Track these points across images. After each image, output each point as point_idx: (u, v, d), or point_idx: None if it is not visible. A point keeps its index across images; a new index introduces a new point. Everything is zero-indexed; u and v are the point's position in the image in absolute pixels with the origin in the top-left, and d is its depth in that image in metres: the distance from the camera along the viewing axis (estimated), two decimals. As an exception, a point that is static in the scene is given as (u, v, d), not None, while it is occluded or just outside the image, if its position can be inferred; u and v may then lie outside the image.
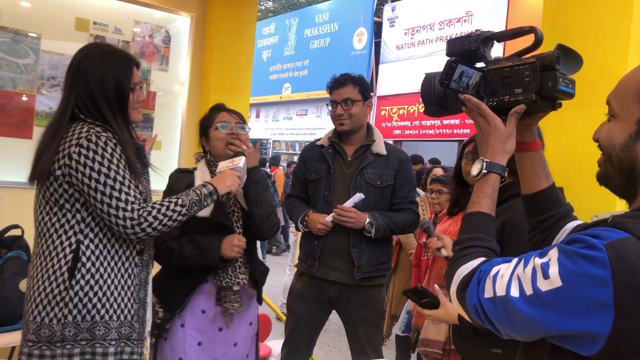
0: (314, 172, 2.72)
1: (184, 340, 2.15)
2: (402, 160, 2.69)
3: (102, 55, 1.77)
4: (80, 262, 1.68)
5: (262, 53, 17.21)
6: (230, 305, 2.16)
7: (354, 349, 2.71)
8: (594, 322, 0.82)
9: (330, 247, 2.63)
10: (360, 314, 2.64)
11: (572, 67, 1.17)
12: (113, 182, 1.67)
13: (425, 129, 11.67)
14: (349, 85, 2.66)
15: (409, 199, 2.68)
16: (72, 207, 1.70)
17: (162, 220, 1.72)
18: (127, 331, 1.75)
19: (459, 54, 1.24)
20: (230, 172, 1.97)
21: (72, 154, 1.65)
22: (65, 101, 1.76)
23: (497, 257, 1.03)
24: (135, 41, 3.71)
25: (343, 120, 2.64)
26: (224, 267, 2.16)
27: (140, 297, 1.82)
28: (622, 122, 0.97)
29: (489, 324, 0.97)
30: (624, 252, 0.82)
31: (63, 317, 1.66)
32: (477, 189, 1.16)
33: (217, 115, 2.27)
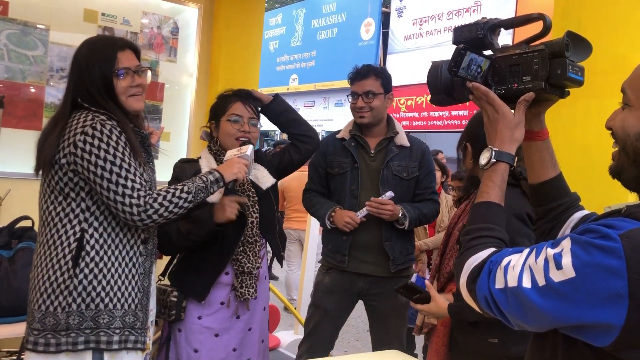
0: (337, 167, 2.68)
1: (201, 332, 2.15)
2: (425, 151, 2.70)
3: (89, 45, 1.80)
4: (85, 250, 1.69)
5: (269, 44, 17.17)
6: (246, 291, 2.16)
7: (378, 339, 2.72)
8: (607, 313, 0.82)
9: (360, 242, 2.61)
10: (390, 304, 2.65)
11: (581, 54, 1.15)
12: (119, 169, 1.67)
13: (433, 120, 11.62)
14: (371, 78, 2.63)
15: (431, 189, 2.70)
16: (77, 195, 1.71)
17: (168, 207, 1.73)
18: (131, 320, 1.76)
19: (466, 42, 1.22)
20: (237, 160, 1.97)
21: (77, 142, 1.66)
22: (67, 92, 1.79)
23: (507, 248, 1.02)
24: (144, 32, 3.71)
25: (364, 112, 2.61)
26: (243, 252, 2.17)
27: (144, 286, 1.83)
28: (637, 112, 0.95)
29: (500, 315, 0.96)
30: (638, 242, 0.81)
31: (67, 306, 1.68)
32: (486, 178, 1.15)
33: (232, 105, 2.23)
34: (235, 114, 2.21)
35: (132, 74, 1.80)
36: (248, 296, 2.17)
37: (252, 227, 2.19)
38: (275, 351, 4.30)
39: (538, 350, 1.02)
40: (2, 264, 2.42)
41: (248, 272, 2.16)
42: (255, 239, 2.19)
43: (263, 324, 2.34)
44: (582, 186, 1.45)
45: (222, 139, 2.24)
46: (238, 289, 2.17)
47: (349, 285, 2.66)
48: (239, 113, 2.22)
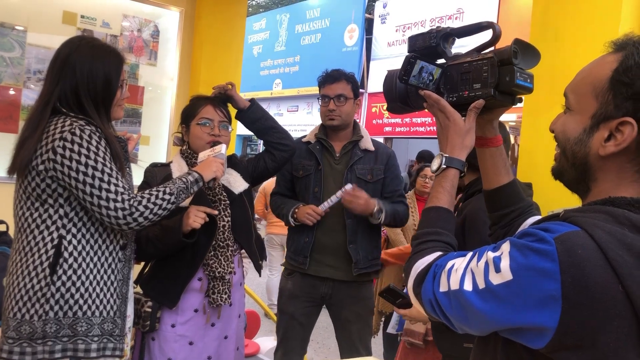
0: (301, 169, 2.70)
1: (174, 340, 2.12)
2: (390, 155, 2.72)
3: (92, 50, 1.75)
4: (62, 257, 1.66)
5: (253, 48, 17.14)
6: (218, 297, 2.14)
7: (345, 346, 2.71)
8: (542, 315, 0.82)
9: (323, 244, 2.62)
10: (352, 310, 2.64)
11: (530, 61, 1.17)
12: (101, 174, 1.65)
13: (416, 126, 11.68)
14: (343, 82, 2.65)
15: (399, 192, 2.71)
16: (55, 202, 1.68)
17: (153, 209, 1.72)
18: (109, 327, 1.73)
19: (420, 51, 1.24)
20: (213, 159, 1.98)
21: (56, 148, 1.63)
22: (48, 93, 1.73)
23: (453, 252, 1.03)
24: (124, 35, 3.67)
25: (334, 115, 2.63)
26: (215, 257, 2.14)
27: (122, 293, 1.81)
28: (577, 116, 0.96)
29: (444, 319, 0.97)
30: (572, 245, 0.82)
31: (44, 314, 1.64)
32: (436, 184, 1.17)
33: (202, 108, 2.22)
34: (205, 117, 2.20)
35: (125, 86, 1.83)
36: (221, 302, 2.14)
37: (223, 231, 2.17)
38: (255, 357, 4.27)
39: (480, 353, 1.03)
40: (-26, 269, 2.37)
41: (220, 277, 2.14)
42: (227, 243, 2.17)
43: (239, 332, 2.32)
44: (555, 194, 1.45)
45: (193, 142, 2.22)
46: (210, 295, 2.14)
47: (311, 289, 2.66)
48: (209, 117, 2.20)
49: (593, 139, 0.93)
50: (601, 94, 0.92)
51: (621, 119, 0.89)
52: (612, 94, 0.90)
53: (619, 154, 0.91)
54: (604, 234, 0.82)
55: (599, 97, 0.92)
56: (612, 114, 0.90)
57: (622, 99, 0.89)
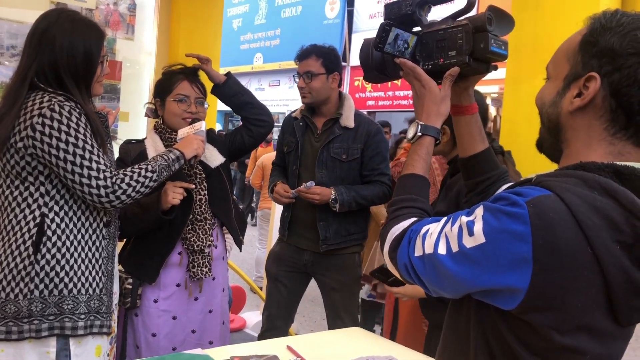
0: (287, 145, 2.75)
1: (158, 316, 2.12)
2: (371, 132, 2.64)
3: (72, 23, 1.70)
4: (46, 235, 1.64)
5: (233, 22, 16.88)
6: (199, 270, 2.15)
7: (330, 314, 2.75)
8: (514, 277, 0.85)
9: (299, 218, 2.68)
10: (335, 278, 2.68)
11: (504, 28, 1.18)
12: (82, 151, 1.62)
13: (398, 99, 11.67)
14: (312, 57, 2.61)
15: (378, 171, 2.64)
16: (36, 179, 1.65)
17: (135, 187, 1.70)
18: (96, 304, 1.73)
19: (396, 19, 1.24)
20: (194, 136, 1.98)
21: (35, 124, 1.60)
22: (25, 68, 1.68)
23: (428, 217, 1.05)
24: (99, 9, 3.58)
25: (305, 93, 2.62)
26: (192, 230, 2.14)
27: (108, 270, 1.80)
28: (553, 81, 1.00)
29: (418, 282, 0.99)
30: (543, 208, 0.83)
31: (29, 292, 1.63)
32: (411, 151, 1.18)
33: (178, 84, 2.18)
34: (181, 93, 2.17)
35: (104, 61, 1.79)
36: (201, 275, 2.15)
37: (200, 205, 2.17)
38: (242, 332, 4.31)
39: (454, 316, 1.06)
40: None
41: (199, 250, 2.14)
42: (205, 216, 2.17)
43: (224, 306, 2.33)
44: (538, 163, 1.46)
45: (168, 118, 2.20)
46: (191, 269, 2.15)
47: (295, 255, 2.72)
48: (185, 93, 2.17)
49: (565, 98, 0.96)
50: (572, 57, 0.95)
51: (587, 74, 0.92)
52: (580, 55, 0.94)
53: (587, 111, 0.94)
54: (574, 198, 0.84)
55: (570, 60, 0.96)
56: (580, 73, 0.94)
57: (589, 58, 0.93)
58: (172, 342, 2.14)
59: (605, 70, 0.90)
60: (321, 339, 2.07)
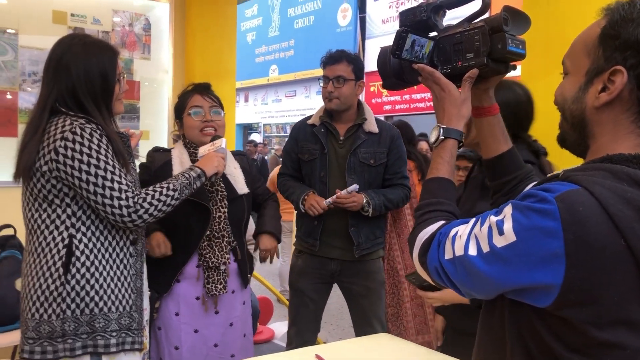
0: (307, 153, 2.70)
1: (179, 328, 2.15)
2: (394, 136, 2.68)
3: (84, 47, 1.74)
4: (75, 256, 1.68)
5: (247, 36, 17.05)
6: (213, 287, 2.16)
7: (358, 322, 2.74)
8: (547, 273, 0.84)
9: (330, 228, 2.65)
10: (362, 284, 2.68)
11: (520, 27, 1.17)
12: (104, 172, 1.66)
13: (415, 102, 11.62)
14: (343, 63, 2.62)
15: (400, 174, 2.69)
16: (62, 201, 1.69)
17: (157, 205, 1.73)
18: (127, 321, 1.75)
19: (411, 25, 1.24)
20: (214, 154, 2.00)
21: (58, 148, 1.63)
22: (45, 96, 1.73)
23: (456, 220, 1.05)
24: (115, 31, 3.65)
25: (332, 97, 2.61)
26: (209, 246, 2.16)
27: (137, 287, 1.82)
28: (573, 77, 0.98)
29: (450, 285, 0.99)
30: (573, 203, 0.83)
31: (62, 312, 1.66)
32: (435, 155, 1.18)
33: (190, 98, 2.23)
34: (194, 105, 2.21)
35: (122, 79, 1.82)
36: (215, 292, 2.17)
37: (219, 222, 2.18)
38: (270, 343, 4.31)
39: (488, 317, 1.05)
40: (-14, 274, 2.40)
41: (214, 267, 2.16)
42: (223, 234, 2.19)
43: (245, 318, 2.34)
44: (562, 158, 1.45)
45: (188, 133, 2.24)
46: (205, 285, 2.17)
47: (320, 266, 2.70)
48: (198, 104, 2.21)
49: (588, 94, 0.95)
50: (592, 51, 0.94)
51: (612, 68, 0.91)
52: (601, 48, 0.93)
53: (613, 105, 0.93)
54: (603, 190, 0.83)
55: (590, 54, 0.94)
56: (604, 67, 0.92)
57: (611, 51, 0.91)
58: (195, 355, 2.16)
59: (630, 63, 0.89)
60: (350, 346, 2.07)
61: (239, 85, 16.32)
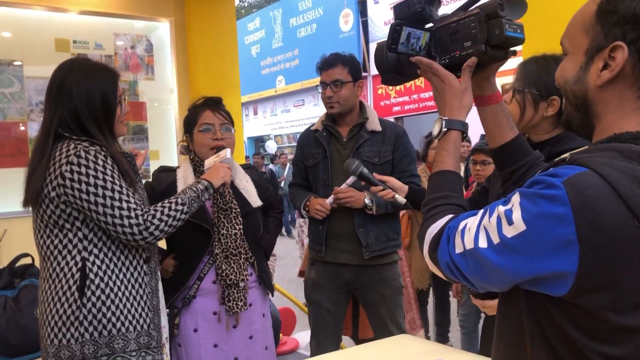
0: (311, 158, 2.69)
1: (199, 344, 2.14)
2: (399, 134, 2.64)
3: (85, 70, 1.76)
4: (89, 279, 1.68)
5: (251, 49, 17.17)
6: (234, 304, 2.15)
7: (377, 328, 2.70)
8: (561, 261, 0.81)
9: (335, 230, 2.60)
10: (378, 292, 2.63)
11: (516, 12, 1.15)
12: (112, 192, 1.66)
13: (424, 101, 11.59)
14: (339, 66, 2.59)
15: (409, 172, 2.62)
16: (72, 226, 1.70)
17: (168, 221, 1.73)
18: (145, 340, 1.75)
19: (406, 18, 1.22)
20: (220, 165, 2.00)
21: (64, 173, 1.65)
22: (48, 121, 1.74)
23: (464, 212, 1.02)
24: (118, 54, 3.69)
25: (332, 102, 2.59)
26: (227, 263, 2.15)
27: (153, 305, 1.82)
28: (573, 57, 0.96)
29: (464, 280, 0.96)
30: (581, 186, 0.80)
31: (80, 336, 1.67)
32: (439, 147, 1.16)
33: (201, 114, 2.22)
34: (205, 123, 2.20)
35: (122, 101, 1.83)
36: (237, 310, 2.15)
37: (235, 239, 2.18)
38: (295, 353, 4.29)
39: (505, 309, 1.02)
40: (7, 303, 2.41)
41: (233, 284, 2.15)
42: (240, 250, 2.18)
43: (265, 331, 2.32)
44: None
45: (198, 149, 2.24)
46: (226, 303, 2.15)
47: (334, 276, 2.65)
48: (209, 122, 2.20)
49: (589, 72, 0.92)
50: (590, 29, 0.92)
51: (612, 44, 0.89)
52: (599, 25, 0.90)
53: (617, 82, 0.90)
54: (613, 171, 0.81)
55: (588, 32, 0.92)
56: (603, 44, 0.90)
57: (610, 27, 0.89)
58: None
59: (630, 37, 0.87)
60: (371, 349, 2.05)
61: (247, 98, 16.42)
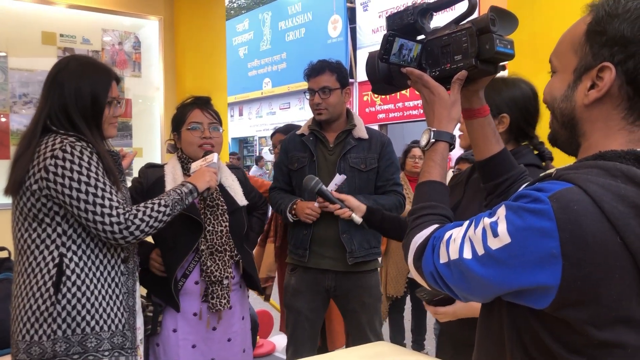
0: (296, 162, 2.68)
1: (177, 345, 2.14)
2: (385, 143, 2.67)
3: (80, 67, 1.76)
4: (65, 275, 1.67)
5: (239, 50, 17.13)
6: (217, 302, 2.14)
7: (355, 335, 2.70)
8: (544, 274, 0.83)
9: (320, 235, 2.60)
10: (359, 300, 2.63)
11: (507, 28, 1.17)
12: (95, 189, 1.65)
13: (409, 110, 11.67)
14: (326, 73, 2.61)
15: (392, 181, 2.65)
16: (52, 220, 1.68)
17: (149, 222, 1.72)
18: (119, 340, 1.74)
19: (399, 29, 1.24)
20: (206, 169, 2.00)
21: (48, 166, 1.63)
22: (39, 113, 1.74)
23: (449, 223, 1.04)
24: (105, 50, 3.66)
25: (321, 109, 2.60)
26: (212, 260, 2.15)
27: (129, 305, 1.81)
28: (561, 75, 0.98)
29: (447, 289, 0.97)
30: (567, 202, 0.82)
31: (52, 333, 1.65)
32: (427, 158, 1.17)
33: (190, 113, 2.22)
34: (194, 121, 2.20)
35: (115, 104, 1.83)
36: (220, 307, 2.15)
37: (221, 236, 2.17)
38: (271, 356, 4.29)
39: (486, 320, 1.03)
40: (-19, 298, 2.37)
41: (217, 281, 2.14)
42: (225, 248, 2.18)
43: (244, 334, 2.32)
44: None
45: (185, 148, 2.23)
46: (209, 300, 2.15)
47: (314, 283, 2.65)
48: (197, 120, 2.21)
49: (577, 91, 0.94)
50: (579, 48, 0.94)
51: (600, 64, 0.90)
52: (588, 45, 0.92)
53: (603, 102, 0.92)
54: (597, 188, 0.82)
55: (577, 51, 0.94)
56: (591, 64, 0.92)
57: (598, 47, 0.91)
58: None
59: (618, 58, 0.88)
60: (349, 355, 2.05)
61: (233, 99, 16.37)
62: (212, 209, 2.18)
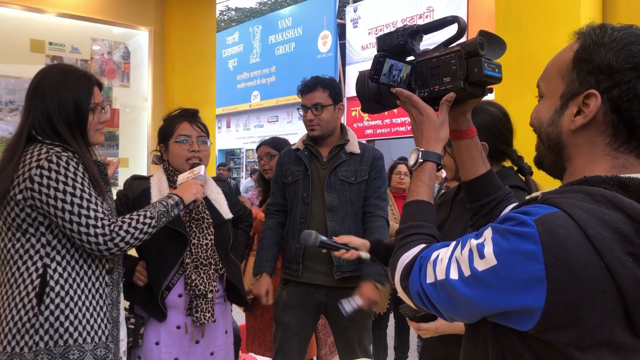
0: (290, 175, 2.70)
1: (160, 358, 2.11)
2: (376, 156, 2.70)
3: (61, 75, 1.75)
4: (49, 286, 1.65)
5: (228, 62, 17.14)
6: (202, 315, 2.13)
7: (343, 351, 2.70)
8: (529, 297, 0.84)
9: (311, 250, 2.59)
10: (349, 316, 2.63)
11: (496, 51, 1.20)
12: (80, 200, 1.64)
13: (396, 126, 11.74)
14: (319, 89, 2.63)
15: (378, 194, 2.66)
16: (36, 231, 1.67)
17: (134, 233, 1.71)
18: (102, 352, 1.72)
19: (389, 50, 1.26)
20: (193, 181, 1.99)
21: (33, 176, 1.62)
22: (23, 123, 1.73)
23: (437, 243, 1.05)
24: (94, 59, 3.65)
25: (314, 125, 2.63)
26: (197, 274, 2.13)
27: (113, 317, 1.79)
28: (548, 100, 1.00)
29: (433, 309, 0.98)
30: (552, 226, 0.83)
31: (34, 345, 1.62)
32: (414, 178, 1.19)
33: (178, 125, 2.22)
34: (182, 134, 2.20)
35: (100, 110, 1.81)
36: (204, 321, 2.13)
37: (206, 249, 2.16)
38: (253, 370, 4.23)
39: (471, 341, 1.04)
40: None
41: (202, 294, 2.13)
42: (210, 261, 2.16)
43: (227, 348, 2.30)
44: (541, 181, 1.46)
45: (173, 160, 2.22)
46: (194, 314, 2.13)
47: (305, 298, 2.65)
48: (186, 133, 2.20)
49: (564, 117, 0.96)
50: (566, 75, 0.96)
51: (586, 92, 0.92)
52: (575, 72, 0.94)
53: (589, 128, 0.94)
54: (582, 213, 0.84)
55: (564, 77, 0.96)
56: (578, 90, 0.94)
57: (585, 75, 0.93)
58: None
59: (603, 86, 0.91)
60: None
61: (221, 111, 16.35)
62: (197, 222, 2.17)
